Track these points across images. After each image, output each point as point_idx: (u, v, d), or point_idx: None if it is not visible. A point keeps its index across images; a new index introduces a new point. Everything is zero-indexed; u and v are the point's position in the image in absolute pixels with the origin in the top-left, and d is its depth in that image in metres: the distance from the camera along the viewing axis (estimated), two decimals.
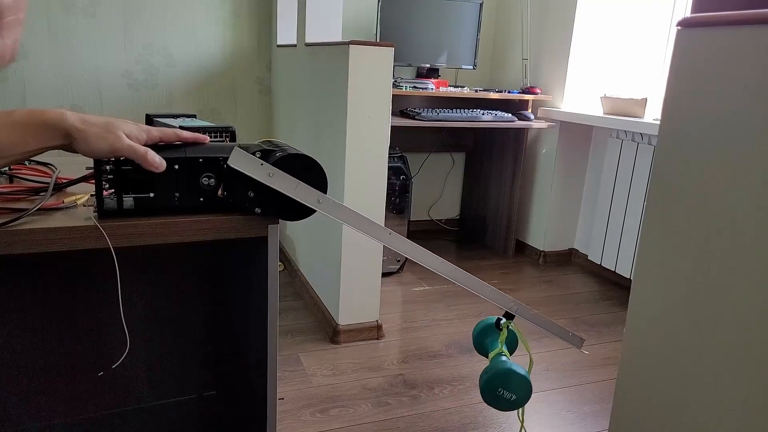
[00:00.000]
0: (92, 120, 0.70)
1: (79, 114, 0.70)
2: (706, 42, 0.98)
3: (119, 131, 0.71)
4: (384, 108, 1.92)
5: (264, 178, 0.75)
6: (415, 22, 2.86)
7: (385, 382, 1.85)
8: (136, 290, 1.22)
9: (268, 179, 0.75)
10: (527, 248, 3.19)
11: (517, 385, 0.94)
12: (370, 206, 2.00)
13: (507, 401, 0.94)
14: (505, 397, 0.94)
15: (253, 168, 0.75)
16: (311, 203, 0.78)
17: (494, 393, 0.94)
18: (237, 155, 0.74)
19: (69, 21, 2.59)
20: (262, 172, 0.75)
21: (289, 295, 2.48)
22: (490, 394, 0.94)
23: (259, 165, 0.75)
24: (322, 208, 0.78)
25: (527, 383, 0.94)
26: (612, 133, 2.71)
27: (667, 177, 1.07)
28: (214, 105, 2.94)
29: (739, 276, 0.94)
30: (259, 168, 0.75)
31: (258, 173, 0.75)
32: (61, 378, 1.19)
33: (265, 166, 0.75)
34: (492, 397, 0.94)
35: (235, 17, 2.87)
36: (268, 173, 0.75)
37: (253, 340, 0.97)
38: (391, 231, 0.86)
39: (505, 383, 0.94)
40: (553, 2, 2.90)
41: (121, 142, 0.70)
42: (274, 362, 0.89)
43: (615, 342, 2.20)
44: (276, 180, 0.76)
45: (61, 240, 0.70)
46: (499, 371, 0.95)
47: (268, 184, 0.76)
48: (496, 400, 0.94)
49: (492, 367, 0.96)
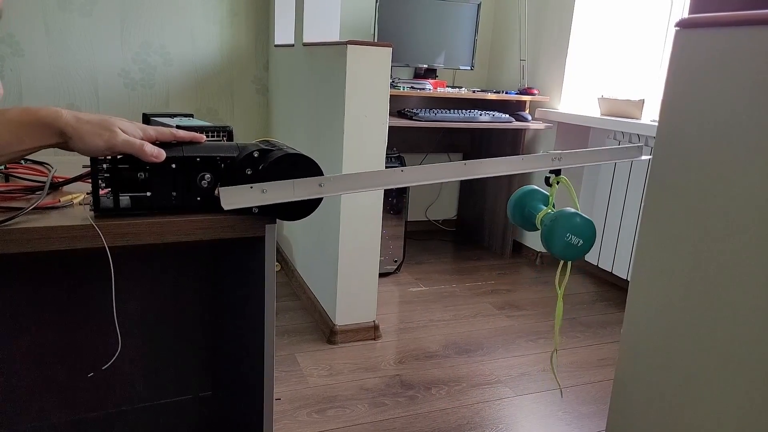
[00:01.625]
0: (87, 118, 0.70)
1: (74, 112, 0.70)
2: (704, 43, 0.98)
3: (115, 127, 0.70)
4: (382, 108, 1.92)
5: (261, 200, 0.75)
6: (413, 23, 2.86)
7: (381, 382, 1.85)
8: (132, 290, 1.22)
9: (264, 197, 0.75)
10: (524, 249, 3.19)
11: (583, 229, 0.93)
12: (367, 206, 1.99)
13: (575, 247, 0.93)
14: (573, 242, 0.93)
15: (246, 197, 0.75)
16: (315, 193, 0.77)
17: (563, 239, 0.92)
18: (226, 195, 0.75)
19: (65, 19, 2.58)
20: (256, 195, 0.75)
21: (285, 295, 2.48)
22: (559, 241, 0.92)
23: (249, 189, 0.75)
24: (326, 191, 0.78)
25: (592, 226, 0.93)
26: (609, 134, 2.72)
27: (665, 178, 1.07)
28: (211, 104, 2.94)
29: (736, 277, 0.94)
30: (251, 193, 0.75)
31: (253, 198, 0.75)
32: (56, 378, 1.18)
33: (255, 186, 0.75)
34: (561, 245, 0.92)
35: (232, 16, 2.87)
36: (261, 191, 0.76)
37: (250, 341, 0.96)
38: (402, 168, 0.84)
39: (573, 227, 0.92)
40: (551, 3, 2.90)
41: (116, 138, 0.70)
42: (270, 362, 0.88)
43: (611, 343, 2.20)
44: (272, 193, 0.76)
45: (57, 239, 0.70)
46: (566, 215, 0.93)
47: (268, 203, 0.76)
48: (565, 248, 0.92)
49: (558, 214, 0.94)
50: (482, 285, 2.74)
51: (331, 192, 0.78)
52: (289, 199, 0.77)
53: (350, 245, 2.01)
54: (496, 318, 2.38)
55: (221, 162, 0.77)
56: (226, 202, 0.75)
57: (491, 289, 2.69)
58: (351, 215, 1.98)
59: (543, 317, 2.41)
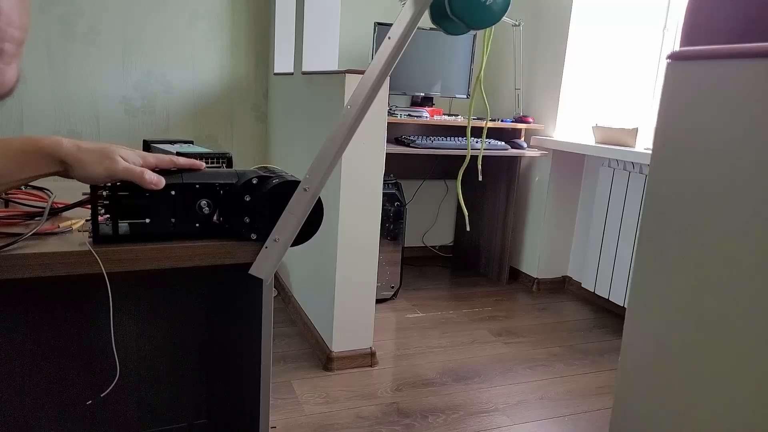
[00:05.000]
0: (88, 146, 0.71)
1: (74, 141, 0.71)
2: (696, 75, 1.00)
3: (115, 155, 0.71)
4: (379, 135, 1.94)
5: (282, 247, 0.79)
6: (410, 52, 2.91)
7: (378, 410, 1.83)
8: (129, 316, 1.21)
9: (281, 244, 0.79)
10: (521, 275, 3.19)
11: None
12: (364, 232, 2.00)
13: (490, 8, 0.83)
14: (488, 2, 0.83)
15: (271, 257, 0.79)
16: (308, 200, 0.78)
17: None
18: (256, 269, 0.79)
19: (68, 48, 2.62)
20: (275, 248, 0.79)
21: (282, 321, 2.46)
22: None
23: (267, 249, 0.79)
24: (313, 188, 0.79)
25: None
26: (604, 162, 2.74)
27: (660, 206, 1.08)
28: (211, 131, 2.96)
29: (734, 303, 0.94)
30: (271, 249, 0.79)
31: (275, 252, 0.79)
32: (50, 405, 1.17)
33: (268, 243, 0.79)
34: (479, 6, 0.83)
35: (233, 46, 2.91)
36: (274, 240, 0.79)
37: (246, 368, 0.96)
38: None
39: None
40: (545, 33, 2.96)
41: (116, 165, 0.71)
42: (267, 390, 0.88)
43: (609, 371, 2.19)
44: (281, 234, 0.80)
45: (55, 265, 0.70)
46: None
47: (290, 246, 0.80)
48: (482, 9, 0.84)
49: None
50: (479, 311, 2.73)
51: (317, 183, 0.79)
52: (298, 226, 0.78)
53: (347, 271, 2.01)
54: (493, 345, 2.36)
55: (220, 189, 0.78)
56: (258, 272, 0.79)
57: (488, 316, 2.68)
58: (348, 241, 1.98)
59: (540, 344, 2.40)
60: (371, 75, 0.79)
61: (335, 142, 0.79)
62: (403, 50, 0.80)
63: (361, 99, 0.79)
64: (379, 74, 0.79)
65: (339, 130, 0.79)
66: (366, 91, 0.79)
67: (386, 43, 0.80)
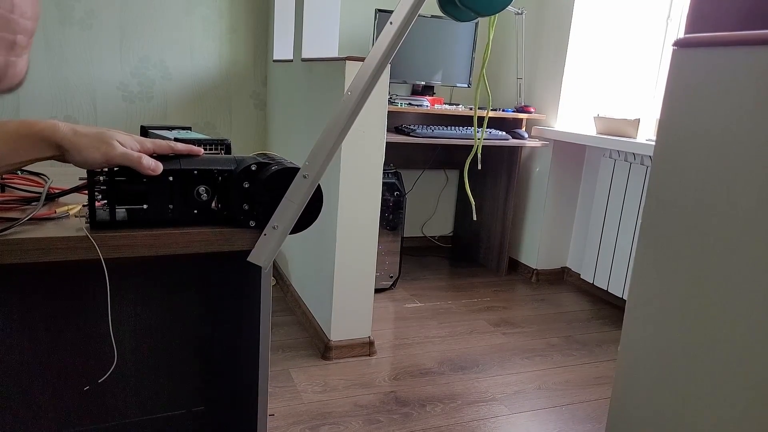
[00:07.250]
0: (84, 131, 0.70)
1: (71, 125, 0.70)
2: (701, 62, 0.99)
3: (112, 140, 0.70)
4: (379, 124, 1.93)
5: (281, 234, 0.78)
6: (411, 40, 2.88)
7: (376, 399, 1.83)
8: (126, 303, 1.21)
9: (281, 231, 0.78)
10: (520, 266, 3.19)
11: None
12: (363, 222, 1.99)
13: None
14: None
15: (270, 244, 0.78)
16: (307, 186, 0.77)
17: None
18: (255, 255, 0.78)
19: (65, 33, 2.59)
20: (274, 236, 0.78)
21: (280, 310, 2.46)
22: None
23: (265, 237, 0.78)
24: (313, 175, 0.78)
25: None
26: (605, 152, 2.73)
27: (662, 196, 1.07)
28: (209, 118, 2.94)
29: (734, 295, 0.94)
30: (270, 237, 0.78)
31: (274, 239, 0.78)
32: (47, 392, 1.17)
33: (267, 230, 0.78)
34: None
35: (232, 33, 2.88)
36: (273, 228, 0.78)
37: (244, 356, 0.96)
38: None
39: None
40: (548, 22, 2.93)
41: (114, 150, 0.70)
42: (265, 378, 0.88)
43: (607, 362, 2.19)
44: (280, 221, 0.78)
45: (52, 250, 0.69)
46: None
47: (289, 233, 0.78)
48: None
49: None
50: (478, 302, 2.73)
51: (316, 169, 0.78)
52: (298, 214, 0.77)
53: (346, 261, 2.00)
54: (492, 335, 2.36)
55: (218, 175, 0.77)
56: (257, 259, 0.78)
57: (487, 306, 2.68)
58: (347, 231, 1.98)
59: (538, 335, 2.40)
60: (372, 61, 0.78)
61: (335, 129, 0.78)
62: (404, 36, 0.79)
63: (361, 86, 0.78)
64: (380, 60, 0.78)
65: (339, 117, 0.78)
66: (366, 77, 0.78)
67: (387, 29, 0.79)
